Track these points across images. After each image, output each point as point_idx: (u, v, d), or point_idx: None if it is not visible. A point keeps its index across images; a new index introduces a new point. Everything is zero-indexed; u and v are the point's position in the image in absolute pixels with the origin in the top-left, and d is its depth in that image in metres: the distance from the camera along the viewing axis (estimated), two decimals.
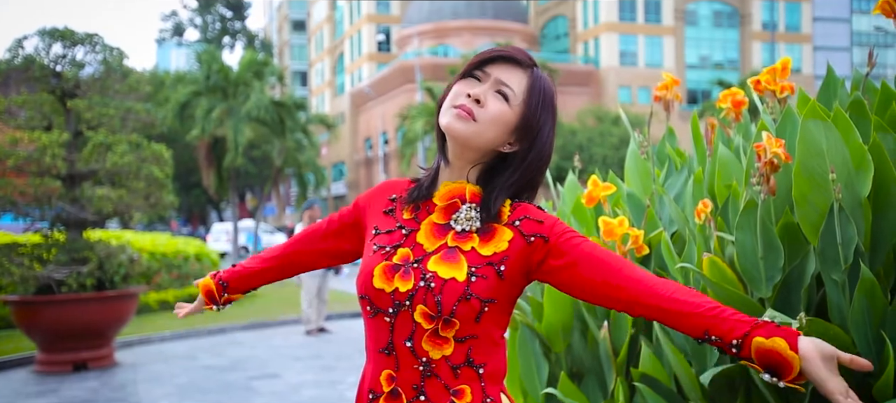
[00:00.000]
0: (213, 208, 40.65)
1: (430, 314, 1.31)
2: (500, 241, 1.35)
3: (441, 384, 1.31)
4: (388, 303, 1.34)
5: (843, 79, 2.79)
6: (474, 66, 1.41)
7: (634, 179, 2.90)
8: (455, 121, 1.38)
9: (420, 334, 1.32)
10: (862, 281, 1.88)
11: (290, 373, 7.28)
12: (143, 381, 7.06)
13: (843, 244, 1.92)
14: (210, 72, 19.09)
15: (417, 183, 1.49)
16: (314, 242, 1.59)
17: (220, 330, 10.09)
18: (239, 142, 17.90)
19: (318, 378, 7.01)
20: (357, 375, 7.09)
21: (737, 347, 1.26)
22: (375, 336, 1.36)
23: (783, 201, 2.17)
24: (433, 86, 21.56)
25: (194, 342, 9.36)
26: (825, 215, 1.96)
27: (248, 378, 7.07)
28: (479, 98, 1.38)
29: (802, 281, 2.06)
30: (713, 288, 2.10)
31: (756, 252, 2.10)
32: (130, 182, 7.90)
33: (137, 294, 8.03)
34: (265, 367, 7.64)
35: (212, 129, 18.32)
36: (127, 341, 8.91)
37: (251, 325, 10.50)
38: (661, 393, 2.29)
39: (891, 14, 2.44)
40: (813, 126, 1.96)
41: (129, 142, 7.89)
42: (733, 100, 2.86)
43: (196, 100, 18.94)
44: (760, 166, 2.04)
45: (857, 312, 1.89)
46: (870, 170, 1.94)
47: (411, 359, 1.32)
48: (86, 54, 8.29)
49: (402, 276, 1.34)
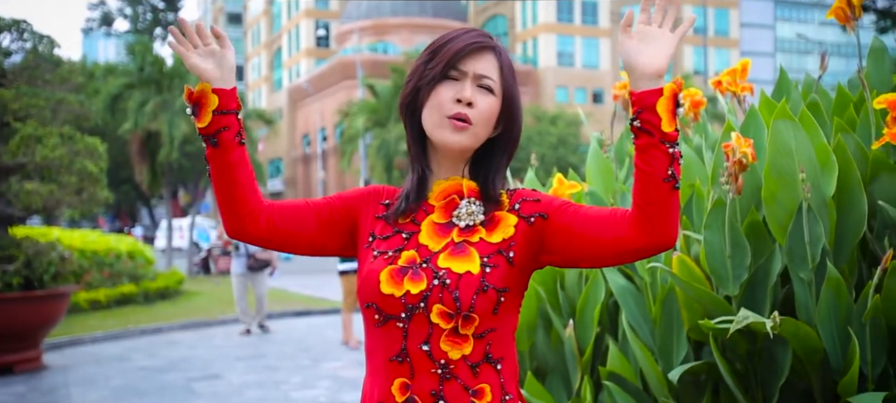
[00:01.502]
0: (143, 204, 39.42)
1: (448, 312, 1.26)
2: (506, 227, 1.32)
3: (460, 386, 1.27)
4: (399, 309, 1.28)
5: (796, 82, 2.86)
6: (449, 66, 1.34)
7: (596, 178, 2.90)
8: (454, 135, 1.32)
9: (438, 335, 1.26)
10: (828, 279, 1.92)
11: (232, 374, 7.09)
12: (75, 384, 6.76)
13: (811, 242, 1.95)
14: (144, 63, 18.45)
15: (403, 195, 1.40)
16: (305, 227, 1.39)
17: (156, 329, 9.76)
18: (174, 136, 17.34)
19: (262, 379, 6.85)
20: (302, 375, 6.96)
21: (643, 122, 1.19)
22: (384, 344, 1.29)
23: (748, 200, 2.20)
24: (375, 82, 21.41)
25: (128, 342, 9.02)
26: (793, 214, 2.00)
27: (187, 380, 6.85)
28: (472, 101, 1.33)
29: (768, 280, 2.09)
30: (683, 286, 2.12)
31: (724, 250, 2.12)
32: (62, 176, 7.54)
33: (68, 293, 7.69)
34: (205, 368, 7.42)
35: (145, 123, 17.71)
36: (56, 343, 8.53)
37: (189, 324, 10.20)
38: (628, 391, 2.30)
39: (844, 20, 2.51)
40: (783, 126, 1.99)
41: (61, 134, 7.53)
42: (692, 100, 2.89)
43: (128, 92, 18.27)
44: (729, 165, 2.07)
45: (824, 310, 1.93)
46: (834, 170, 1.98)
47: (428, 363, 1.27)
48: (12, 42, 7.89)
49: (412, 278, 1.28)
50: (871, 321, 1.86)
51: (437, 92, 1.33)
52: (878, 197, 2.02)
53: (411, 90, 1.37)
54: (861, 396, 1.77)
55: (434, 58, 1.34)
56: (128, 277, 12.00)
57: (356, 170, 23.89)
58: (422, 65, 1.37)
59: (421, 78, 1.35)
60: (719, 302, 2.06)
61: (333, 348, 8.43)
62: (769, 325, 1.78)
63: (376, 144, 20.28)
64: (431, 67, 1.34)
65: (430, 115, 1.34)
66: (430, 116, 1.34)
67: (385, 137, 19.76)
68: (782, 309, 2.15)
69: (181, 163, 19.57)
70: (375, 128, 20.27)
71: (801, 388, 2.09)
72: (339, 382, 6.67)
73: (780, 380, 1.96)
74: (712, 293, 2.07)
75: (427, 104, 1.34)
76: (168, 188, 19.72)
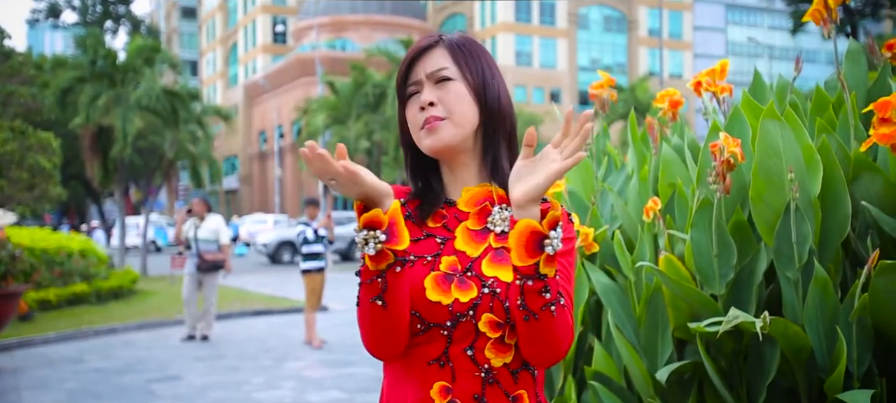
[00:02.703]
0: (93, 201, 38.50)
1: (497, 321, 1.23)
2: None
3: (502, 391, 1.25)
4: (445, 317, 1.23)
5: (771, 84, 2.90)
6: (402, 86, 1.35)
7: (575, 177, 2.90)
8: (429, 137, 1.30)
9: (483, 343, 1.23)
10: (816, 278, 1.93)
11: (192, 375, 6.93)
12: (28, 388, 6.53)
13: (798, 242, 1.97)
14: (96, 57, 17.94)
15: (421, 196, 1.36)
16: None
17: (111, 330, 9.50)
18: (128, 131, 16.89)
19: (224, 380, 6.71)
20: (265, 376, 6.84)
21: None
22: (423, 350, 1.24)
23: (733, 200, 2.21)
24: (334, 79, 21.20)
25: (81, 344, 8.76)
26: (780, 214, 2.01)
27: (146, 381, 6.68)
28: (431, 100, 1.30)
29: (754, 279, 2.10)
30: (671, 285, 2.12)
31: (711, 250, 2.12)
32: (12, 171, 7.29)
33: (20, 293, 7.43)
34: (164, 369, 7.24)
35: (97, 118, 17.22)
36: (5, 344, 8.23)
37: (145, 325, 9.95)
38: (613, 390, 2.29)
39: (819, 21, 2.54)
40: (771, 126, 2.00)
41: (12, 128, 7.28)
42: (671, 100, 2.91)
43: (79, 86, 17.74)
44: (717, 165, 2.07)
45: (811, 309, 1.94)
46: (819, 170, 2.00)
47: (471, 367, 1.23)
48: None
49: (459, 286, 1.24)
50: (858, 320, 1.88)
51: (407, 114, 1.35)
52: (859, 197, 2.05)
53: (400, 121, 1.39)
54: (850, 393, 1.78)
55: (397, 85, 1.38)
56: (79, 276, 11.65)
57: None
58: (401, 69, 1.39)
59: (399, 94, 1.38)
60: (708, 302, 2.06)
61: (296, 348, 8.31)
62: (759, 325, 1.78)
63: (335, 141, 20.09)
64: (398, 91, 1.37)
65: (413, 136, 1.35)
66: (414, 137, 1.35)
67: (345, 134, 19.59)
68: (766, 308, 2.17)
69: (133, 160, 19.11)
70: (335, 125, 20.09)
71: (784, 386, 2.10)
72: (303, 382, 6.58)
73: (767, 379, 1.97)
74: (701, 292, 2.08)
75: (408, 129, 1.36)
76: (120, 185, 19.24)
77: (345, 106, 19.74)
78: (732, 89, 2.74)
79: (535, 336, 1.19)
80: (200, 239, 8.56)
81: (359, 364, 7.34)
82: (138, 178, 21.64)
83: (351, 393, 6.17)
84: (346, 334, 9.15)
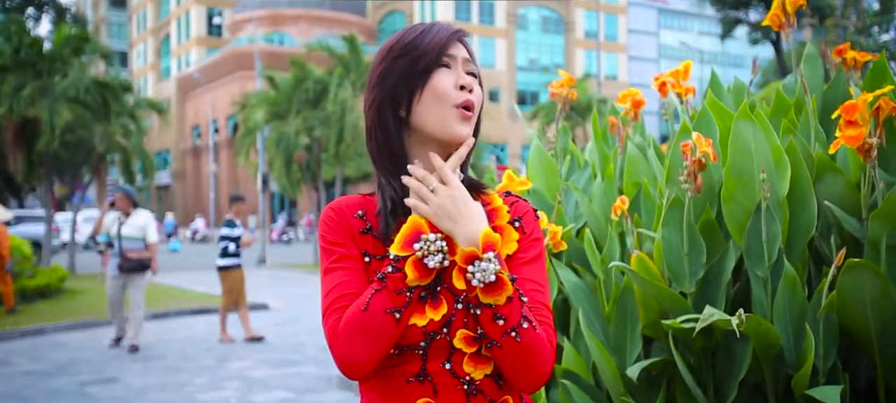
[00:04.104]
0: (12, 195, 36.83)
1: (473, 336, 1.18)
2: (508, 242, 1.24)
3: (487, 399, 1.20)
4: (419, 338, 1.17)
5: (729, 86, 2.96)
6: (442, 53, 1.22)
7: (538, 175, 2.89)
8: (463, 126, 1.22)
9: (460, 357, 1.18)
10: (785, 276, 1.97)
11: (130, 376, 6.68)
12: None
13: (768, 241, 2.01)
14: (20, 45, 17.12)
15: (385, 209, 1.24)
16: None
17: (38, 330, 9.08)
18: (55, 124, 16.19)
19: (164, 381, 6.49)
20: (207, 376, 6.65)
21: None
22: (400, 369, 1.19)
23: (701, 199, 2.25)
24: (274, 74, 20.80)
25: (7, 345, 8.34)
26: (751, 213, 2.05)
27: (80, 384, 6.40)
28: (472, 88, 1.24)
29: (722, 277, 2.14)
30: (642, 284, 2.14)
31: (681, 248, 2.15)
32: None
33: None
34: (99, 371, 6.96)
35: (22, 109, 16.43)
36: None
37: (76, 325, 9.54)
38: (582, 388, 2.30)
39: (778, 26, 2.61)
40: (743, 127, 2.04)
41: None
42: (633, 100, 2.94)
43: (2, 75, 16.91)
44: (689, 165, 2.10)
45: (780, 306, 1.98)
46: (787, 171, 2.05)
47: (452, 380, 1.18)
48: None
49: (432, 304, 1.17)
50: (825, 317, 1.94)
51: (434, 82, 1.21)
52: (822, 197, 2.10)
53: (392, 85, 1.22)
54: (820, 389, 1.83)
55: (412, 51, 1.22)
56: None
57: (254, 164, 23.15)
58: (396, 59, 1.23)
59: (402, 73, 1.22)
60: (678, 300, 2.09)
61: (238, 347, 8.12)
62: (735, 322, 1.81)
63: (275, 138, 19.72)
64: (418, 56, 1.21)
65: (433, 108, 1.21)
66: (432, 109, 1.21)
67: (284, 130, 19.24)
68: (733, 306, 2.21)
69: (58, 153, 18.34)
70: (274, 120, 19.71)
71: (750, 382, 2.15)
72: (248, 382, 6.42)
73: (739, 376, 2.00)
74: (672, 291, 2.10)
75: (424, 97, 1.21)
76: (46, 179, 18.43)
77: (285, 101, 19.37)
78: (695, 90, 2.79)
79: (505, 363, 1.15)
80: (125, 237, 7.74)
81: (303, 363, 7.21)
82: (63, 173, 20.77)
83: (299, 393, 6.06)
84: (288, 333, 9.00)
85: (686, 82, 2.71)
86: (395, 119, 1.24)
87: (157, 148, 51.25)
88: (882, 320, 1.89)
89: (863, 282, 1.85)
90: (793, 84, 2.60)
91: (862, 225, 2.04)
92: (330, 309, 1.17)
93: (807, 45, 2.59)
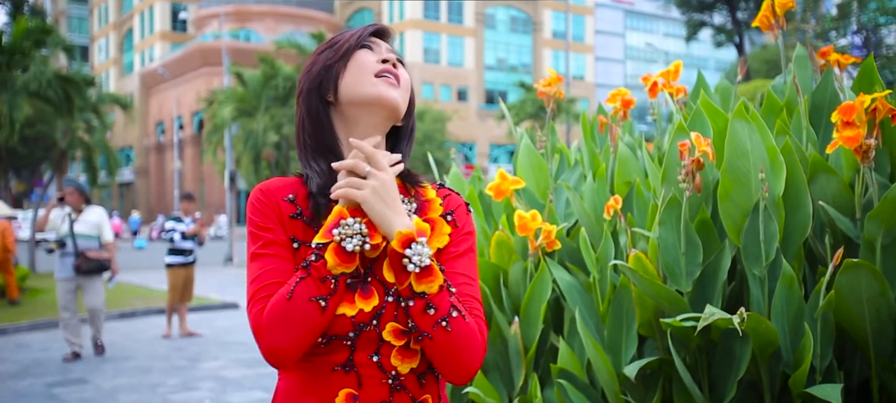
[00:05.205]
0: None
1: (402, 330, 1.18)
2: (440, 235, 1.25)
3: (409, 396, 1.20)
4: (347, 328, 1.16)
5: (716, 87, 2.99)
6: (361, 40, 1.29)
7: (528, 175, 2.89)
8: (390, 89, 1.25)
9: (388, 350, 1.18)
10: (783, 276, 1.99)
11: (99, 377, 6.54)
12: None
13: (766, 240, 2.03)
14: None
15: (316, 192, 1.24)
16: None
17: (0, 331, 8.84)
18: (15, 118, 15.77)
19: (135, 382, 6.35)
20: (179, 377, 6.53)
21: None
22: (326, 358, 1.17)
23: (697, 198, 2.26)
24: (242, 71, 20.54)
25: None
26: (747, 213, 2.06)
27: (46, 386, 6.24)
28: (395, 62, 1.28)
29: (718, 276, 2.15)
30: (640, 283, 2.14)
31: (678, 248, 2.16)
32: None
33: None
34: (67, 372, 6.79)
35: None
36: None
37: (39, 324, 9.32)
38: (577, 387, 2.30)
39: (767, 27, 2.64)
40: (740, 127, 2.05)
41: None
42: (622, 100, 2.95)
43: None
44: (688, 164, 2.11)
45: (778, 306, 2.00)
46: (783, 171, 2.07)
47: (378, 374, 1.18)
48: None
49: (362, 295, 1.17)
50: (822, 316, 1.96)
51: (355, 59, 1.27)
52: (816, 197, 2.13)
53: (317, 72, 1.27)
54: (821, 387, 1.84)
55: (335, 44, 1.29)
56: None
57: (221, 162, 22.84)
58: (320, 54, 1.30)
59: (325, 61, 1.27)
60: (676, 298, 2.09)
61: (211, 346, 8.00)
62: (737, 321, 1.82)
63: (243, 135, 19.48)
64: (340, 46, 1.28)
65: (356, 80, 1.25)
66: (354, 81, 1.25)
67: (253, 127, 19.02)
68: (730, 304, 2.23)
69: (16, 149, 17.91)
70: (242, 117, 19.47)
71: (746, 381, 2.16)
72: (222, 383, 6.33)
73: (738, 375, 2.01)
74: (670, 289, 2.10)
75: (346, 74, 1.26)
76: (3, 175, 17.98)
77: (253, 98, 19.14)
78: (686, 90, 2.81)
79: (435, 355, 1.17)
80: (79, 235, 7.16)
81: None
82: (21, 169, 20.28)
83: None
84: None
85: (676, 83, 2.73)
86: (322, 104, 1.27)
87: (120, 144, 50.33)
88: (878, 319, 1.92)
89: (860, 282, 1.87)
90: (782, 85, 2.63)
91: (855, 225, 2.07)
92: (255, 298, 1.16)
93: (797, 46, 2.62)
